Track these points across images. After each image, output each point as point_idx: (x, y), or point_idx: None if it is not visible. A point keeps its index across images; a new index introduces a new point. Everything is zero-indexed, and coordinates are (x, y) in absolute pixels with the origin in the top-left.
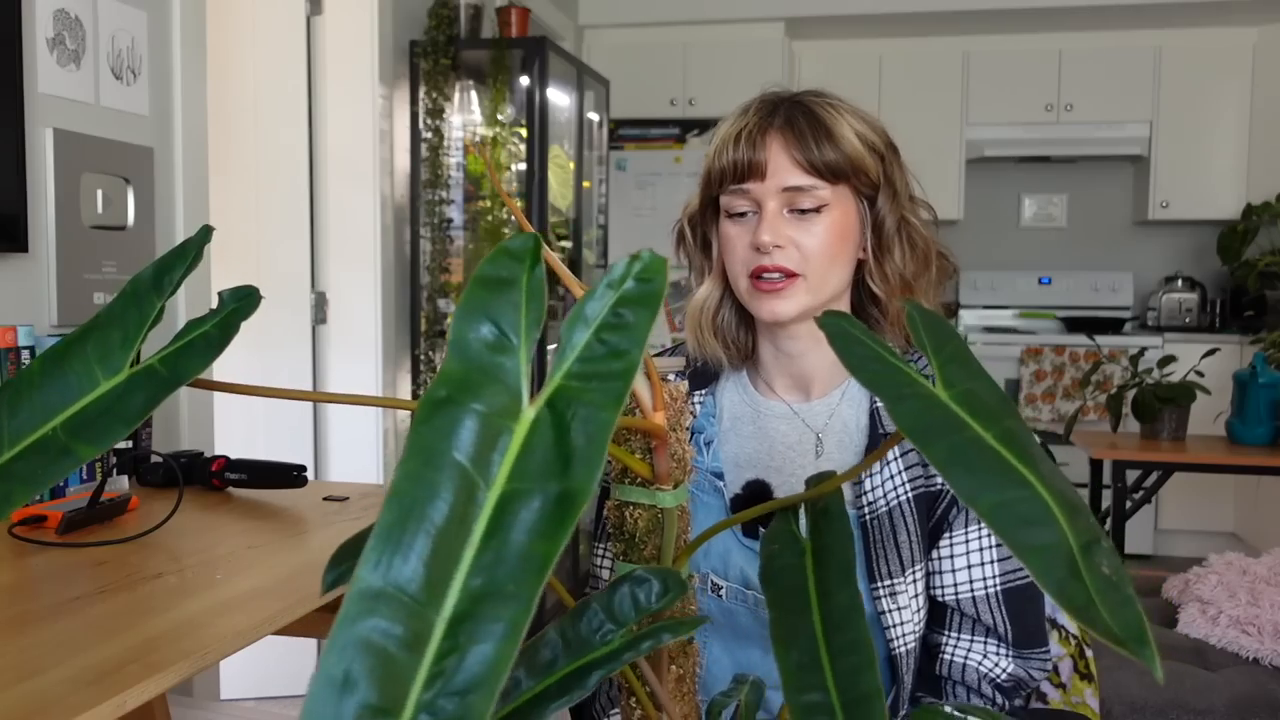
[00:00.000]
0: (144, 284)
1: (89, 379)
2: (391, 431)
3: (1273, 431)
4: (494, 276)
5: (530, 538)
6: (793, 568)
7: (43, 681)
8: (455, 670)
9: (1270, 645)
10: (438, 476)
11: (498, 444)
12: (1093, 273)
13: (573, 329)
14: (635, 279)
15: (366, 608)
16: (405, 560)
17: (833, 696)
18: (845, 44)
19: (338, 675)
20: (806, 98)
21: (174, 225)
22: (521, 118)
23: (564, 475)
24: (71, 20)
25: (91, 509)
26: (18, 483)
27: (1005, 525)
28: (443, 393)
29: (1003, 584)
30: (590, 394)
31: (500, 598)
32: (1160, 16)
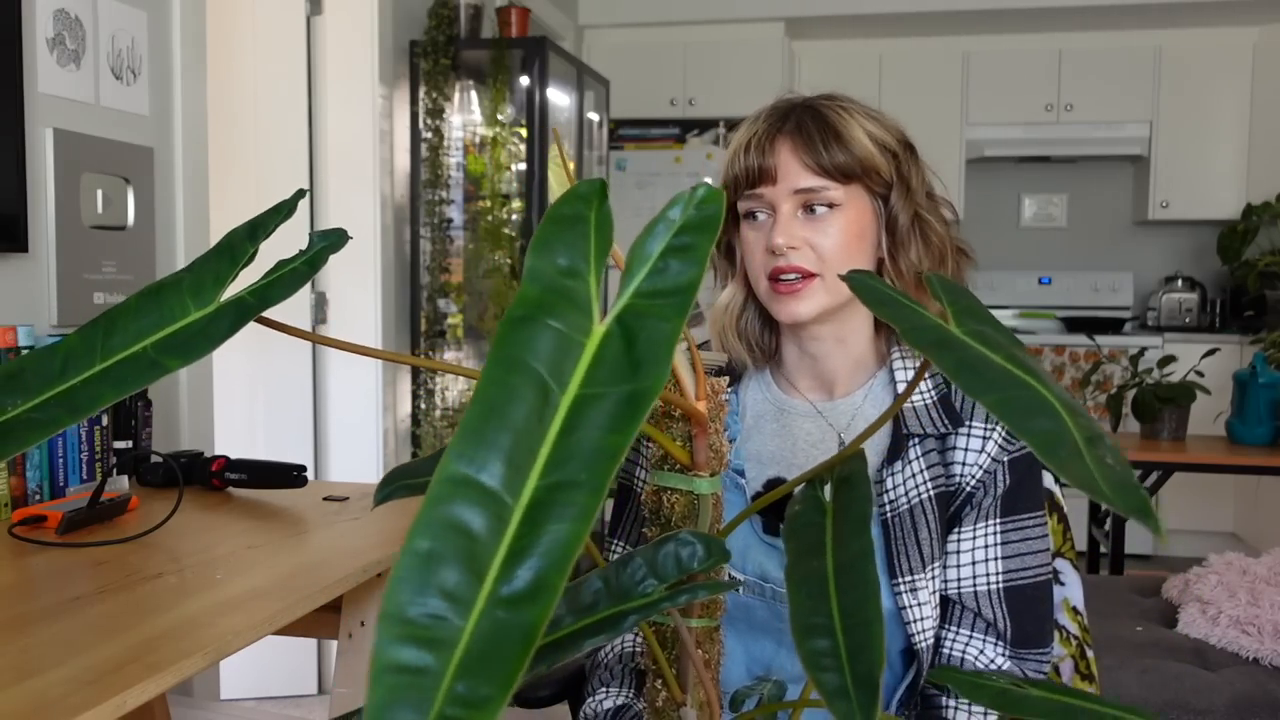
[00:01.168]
0: (238, 236)
1: (181, 310)
2: (391, 431)
3: (1273, 431)
4: (564, 214)
5: (601, 433)
6: (815, 525)
7: (43, 681)
8: (532, 547)
9: (1270, 645)
10: (517, 381)
11: (570, 354)
12: (1093, 273)
13: (639, 252)
14: (695, 207)
15: (451, 492)
16: (487, 452)
17: (835, 620)
18: (845, 44)
19: (423, 550)
20: (818, 102)
21: (174, 225)
22: (521, 118)
23: (632, 378)
24: (71, 20)
25: (91, 509)
26: (109, 385)
27: (1010, 413)
28: (520, 312)
29: (1005, 582)
30: (656, 309)
31: (573, 486)
32: (1160, 16)
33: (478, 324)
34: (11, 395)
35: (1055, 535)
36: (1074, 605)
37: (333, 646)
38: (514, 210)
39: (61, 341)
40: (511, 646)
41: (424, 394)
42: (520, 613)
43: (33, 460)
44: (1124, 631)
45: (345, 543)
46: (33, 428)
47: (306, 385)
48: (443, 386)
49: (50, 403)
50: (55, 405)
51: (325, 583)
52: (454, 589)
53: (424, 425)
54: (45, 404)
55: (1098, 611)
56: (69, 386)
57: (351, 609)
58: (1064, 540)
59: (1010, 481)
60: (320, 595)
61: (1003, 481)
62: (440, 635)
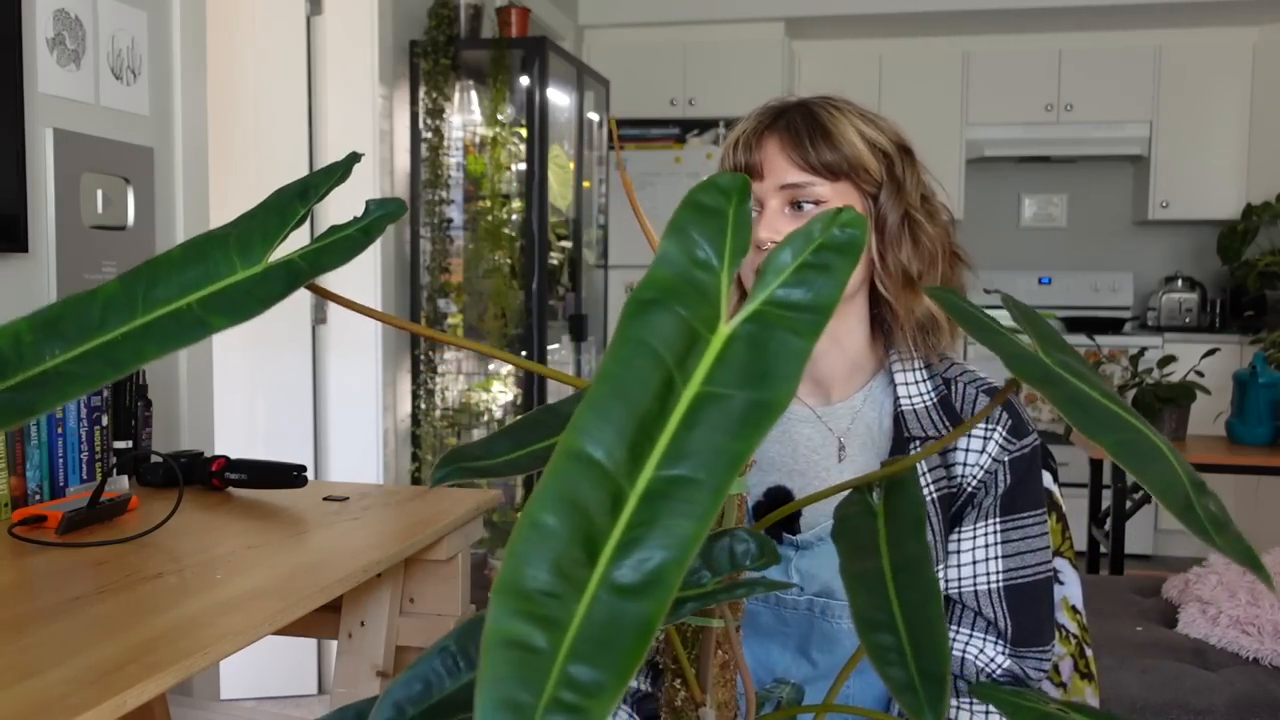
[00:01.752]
0: (288, 194)
1: (228, 267)
2: (391, 432)
3: (1273, 431)
4: (704, 204)
5: (723, 436)
6: (866, 527)
7: (43, 681)
8: (648, 538)
9: (1270, 645)
10: (643, 364)
11: (695, 348)
12: (1093, 273)
13: (772, 263)
14: (838, 228)
15: (571, 467)
16: (609, 432)
17: (897, 618)
18: (845, 44)
19: (542, 522)
20: (812, 101)
21: (174, 225)
22: (521, 118)
23: (758, 387)
24: (71, 20)
25: (91, 509)
26: (151, 341)
27: (1130, 459)
28: (650, 295)
29: (1005, 580)
30: (788, 321)
31: (692, 484)
32: (1160, 16)
33: (478, 324)
34: (51, 342)
35: (1055, 535)
36: (1073, 604)
37: (333, 646)
38: (514, 210)
39: (100, 287)
40: (626, 637)
41: (424, 394)
42: (635, 603)
43: (33, 460)
44: (1124, 631)
45: (345, 543)
46: (72, 381)
47: (306, 385)
48: (443, 387)
49: (90, 355)
50: (95, 358)
51: (325, 583)
52: (569, 568)
53: (424, 425)
54: (85, 356)
55: (1098, 611)
56: (110, 339)
57: (351, 609)
58: (1063, 540)
59: (1011, 481)
60: (320, 595)
61: (1004, 481)
62: (554, 614)
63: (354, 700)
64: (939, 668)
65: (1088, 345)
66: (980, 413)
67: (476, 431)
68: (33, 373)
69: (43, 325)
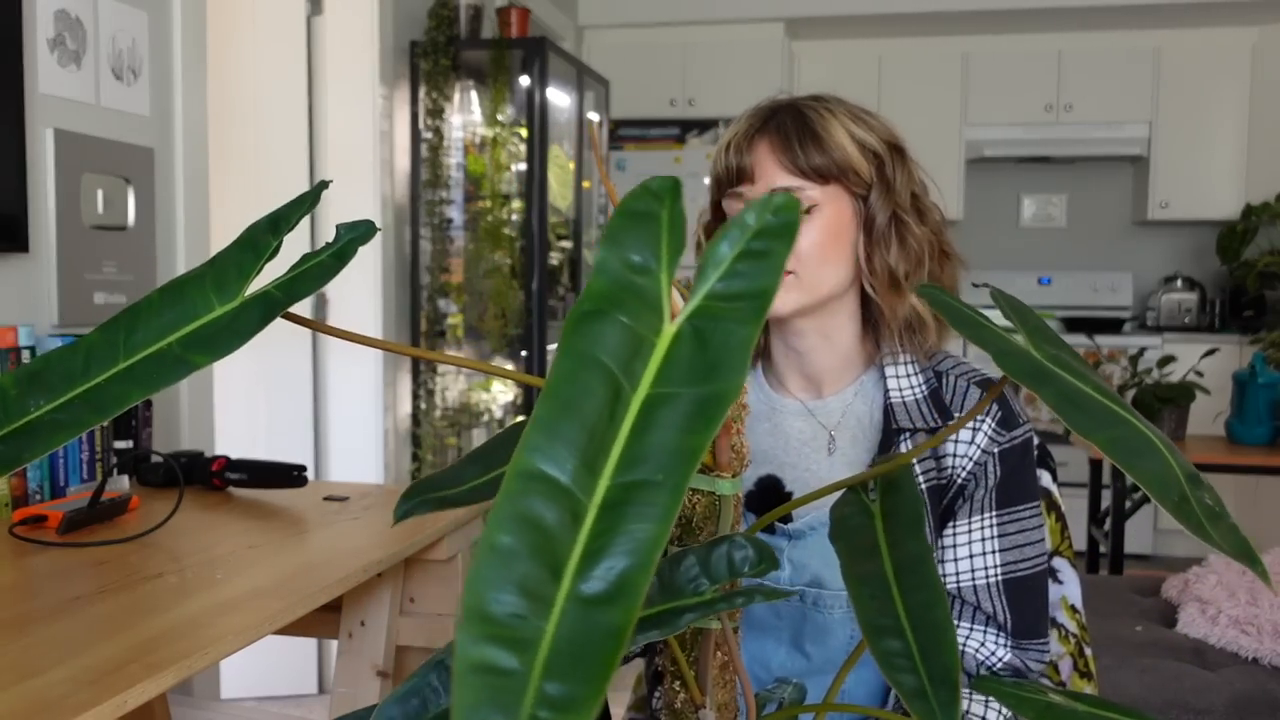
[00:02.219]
0: (259, 230)
1: (205, 305)
2: (391, 432)
3: (1272, 431)
4: (637, 210)
5: (676, 434)
6: (863, 526)
7: (43, 681)
8: (611, 546)
9: (1270, 645)
10: (588, 376)
11: (640, 352)
12: (1092, 273)
13: (711, 256)
14: (772, 213)
15: (525, 487)
16: (560, 448)
17: (903, 621)
18: (845, 44)
19: (501, 545)
20: (802, 102)
21: (174, 225)
22: (521, 118)
23: (707, 380)
24: (72, 21)
25: (92, 509)
26: (135, 385)
27: (1120, 454)
28: (589, 306)
29: (1004, 574)
30: (730, 312)
31: (650, 486)
32: (1160, 17)
33: (478, 324)
34: (35, 395)
35: (1054, 534)
36: (1072, 604)
37: (333, 646)
38: (514, 210)
39: (82, 339)
40: (599, 648)
41: (424, 394)
42: (604, 613)
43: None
44: (1124, 631)
45: (345, 543)
46: (58, 429)
47: (307, 385)
48: (442, 387)
49: (75, 403)
50: (80, 405)
51: (325, 583)
52: (534, 586)
53: (424, 425)
54: (69, 404)
55: (1098, 611)
56: (93, 385)
57: (351, 609)
58: (1062, 539)
59: (1001, 473)
60: (320, 595)
61: (994, 473)
62: (523, 635)
63: (352, 708)
64: (949, 672)
65: (1087, 345)
66: (974, 409)
67: (476, 432)
68: (17, 424)
69: (27, 379)
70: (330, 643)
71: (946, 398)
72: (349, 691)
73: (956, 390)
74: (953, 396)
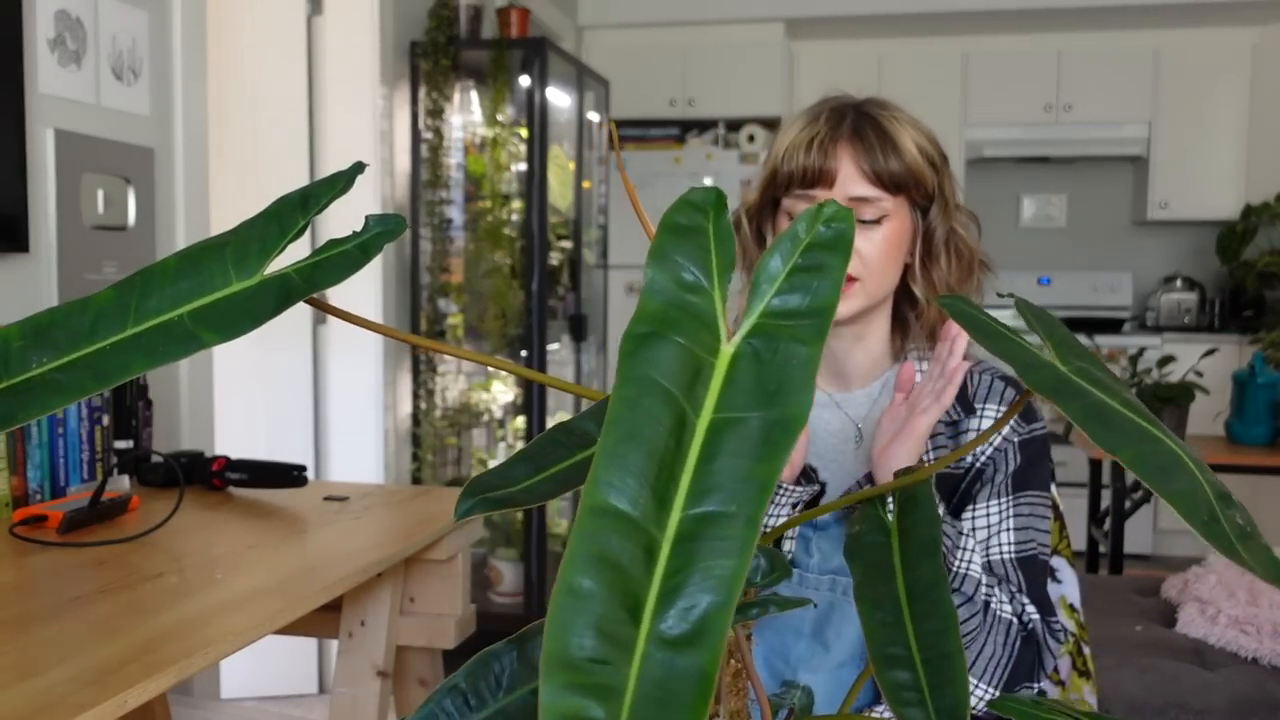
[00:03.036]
0: (289, 204)
1: (222, 278)
2: (392, 432)
3: (1272, 431)
4: (680, 224)
5: (746, 461)
6: (878, 545)
7: (44, 681)
8: (688, 584)
9: (1269, 645)
10: (651, 402)
11: (701, 375)
12: (1092, 273)
13: (763, 272)
14: (824, 224)
15: (598, 524)
16: (629, 480)
17: (914, 652)
18: (845, 44)
19: (577, 585)
20: (871, 108)
21: (175, 225)
22: (521, 118)
23: (772, 404)
24: (72, 21)
25: (92, 509)
26: (139, 354)
27: (1147, 472)
28: (645, 328)
29: (1017, 551)
30: (791, 330)
31: (724, 518)
32: (1159, 17)
33: (478, 324)
34: (39, 350)
35: (1053, 534)
36: (1071, 603)
37: (333, 646)
38: (514, 210)
39: (95, 295)
40: (684, 693)
41: (424, 394)
42: (687, 656)
43: (34, 460)
44: (1123, 631)
45: (345, 543)
46: (56, 390)
47: (307, 385)
48: (443, 387)
49: (77, 365)
50: (82, 369)
51: (325, 582)
52: (613, 629)
53: (424, 425)
54: (71, 365)
55: (1098, 611)
56: (97, 349)
57: (351, 608)
58: (1061, 538)
59: (1021, 460)
60: (320, 595)
61: (1013, 460)
62: (607, 681)
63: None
64: (958, 705)
65: (1087, 345)
66: (1007, 413)
67: (476, 432)
68: (17, 380)
69: (33, 332)
70: (330, 642)
71: (970, 391)
72: (349, 691)
73: (980, 383)
74: (976, 389)
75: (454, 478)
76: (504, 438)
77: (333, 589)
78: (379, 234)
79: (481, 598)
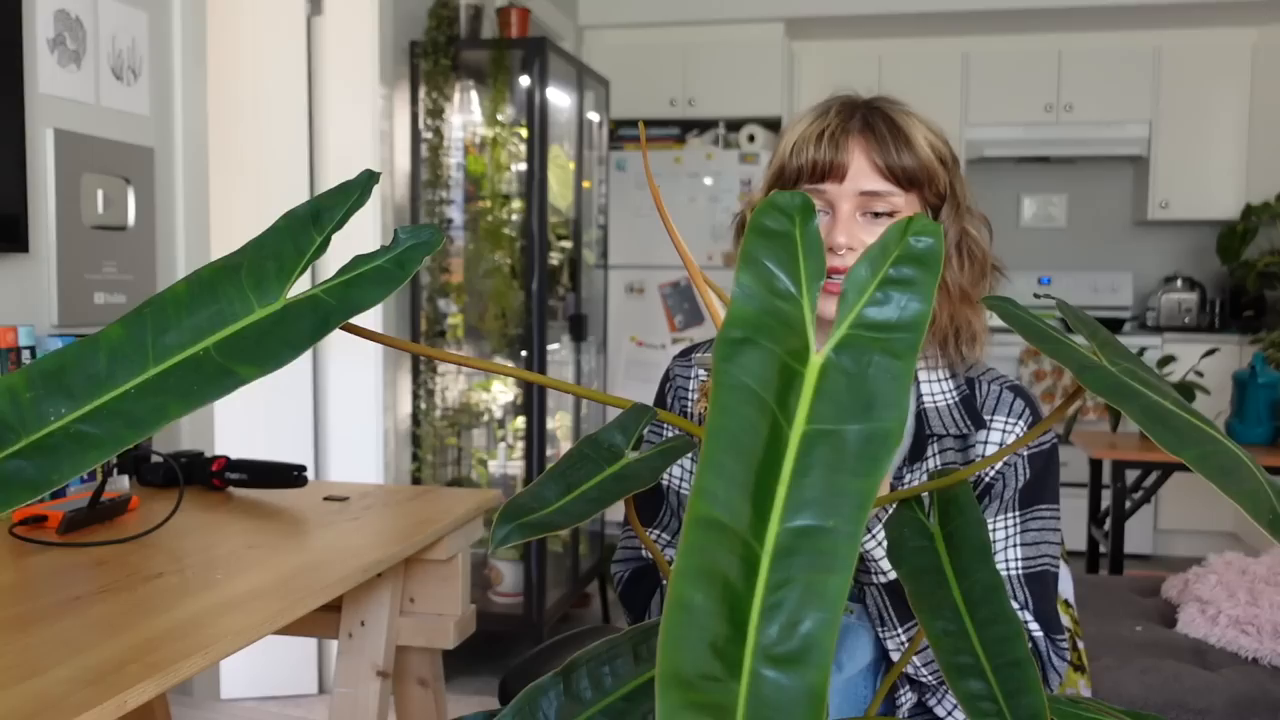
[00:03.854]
0: (299, 219)
1: (243, 304)
2: (392, 431)
3: (1272, 431)
4: (769, 228)
5: (842, 475)
6: (924, 549)
7: (44, 681)
8: (790, 601)
9: (1269, 645)
10: (747, 410)
11: (793, 385)
12: (1092, 273)
13: (852, 282)
14: (915, 236)
15: (706, 537)
16: (731, 489)
17: (982, 660)
18: (845, 44)
19: (688, 600)
20: (882, 103)
21: (175, 225)
22: (521, 118)
23: (865, 417)
24: (72, 21)
25: (92, 509)
26: (174, 397)
27: (1212, 472)
28: (738, 333)
29: (1024, 568)
30: (882, 343)
31: (821, 533)
32: (1159, 17)
33: (478, 324)
34: (54, 400)
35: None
36: (1065, 598)
37: (333, 646)
38: (514, 210)
39: (99, 335)
40: (796, 714)
41: (424, 394)
42: (794, 674)
43: None
44: (1123, 631)
45: (345, 543)
46: (89, 444)
47: (307, 385)
48: (442, 387)
49: (105, 413)
50: (113, 418)
51: (325, 582)
52: (722, 645)
53: (424, 425)
54: (98, 415)
55: (1097, 611)
56: (121, 394)
57: (352, 609)
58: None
59: (1030, 475)
60: (320, 595)
61: (1023, 475)
62: (719, 700)
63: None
64: (1037, 715)
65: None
66: (1026, 436)
67: (476, 432)
68: (38, 436)
69: (42, 379)
70: (330, 643)
71: (978, 403)
72: (349, 691)
73: (989, 394)
74: (984, 400)
75: (454, 478)
76: (504, 438)
77: (333, 589)
78: (413, 246)
79: (481, 598)
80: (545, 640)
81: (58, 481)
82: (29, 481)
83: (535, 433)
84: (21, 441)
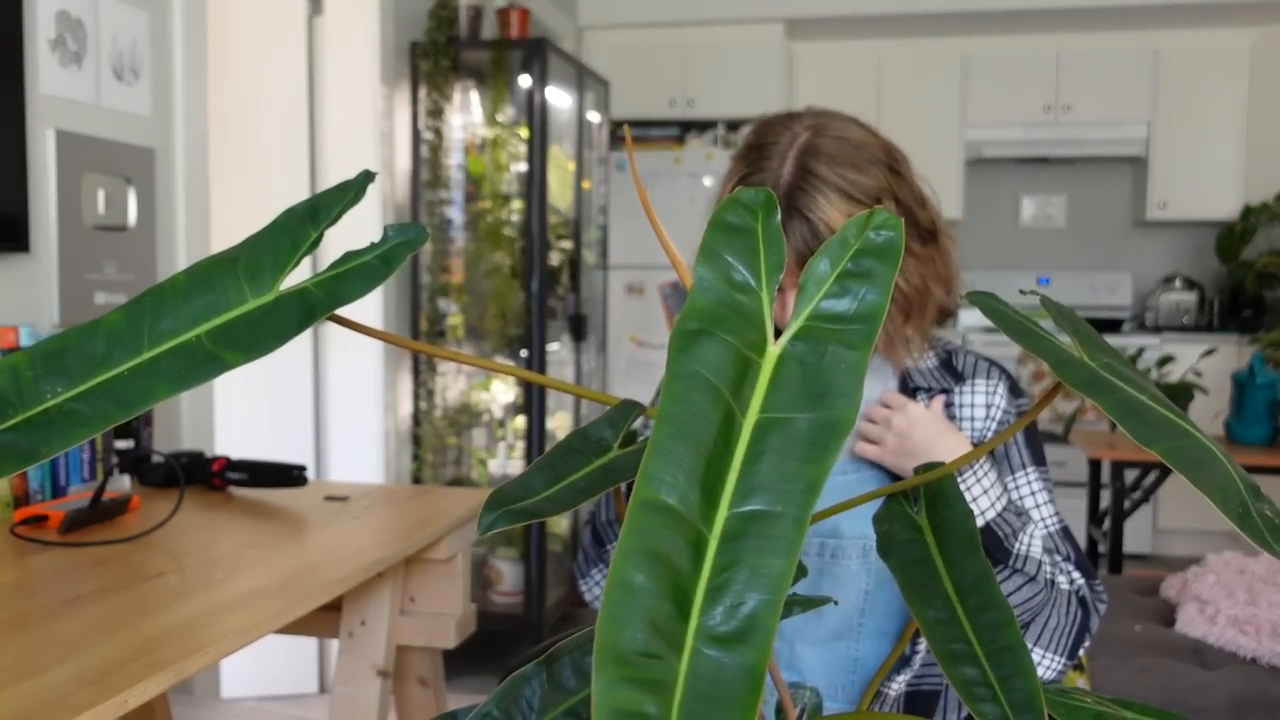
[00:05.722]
0: (297, 215)
1: (237, 295)
2: (392, 431)
3: (1271, 431)
4: (731, 223)
5: (792, 462)
6: (913, 541)
7: (44, 680)
8: (735, 582)
9: (1268, 644)
10: (699, 399)
11: (748, 375)
12: (1091, 273)
13: (811, 274)
14: (875, 230)
15: (649, 519)
16: (679, 475)
17: (975, 647)
18: (845, 45)
19: (628, 579)
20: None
21: (175, 225)
22: (521, 118)
23: (818, 406)
24: (73, 21)
25: (93, 508)
26: (163, 378)
27: (1183, 465)
28: (694, 324)
29: (1058, 523)
30: (838, 335)
31: (769, 518)
32: (1158, 18)
33: (478, 324)
34: (52, 379)
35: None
36: None
37: (333, 645)
38: (514, 210)
39: (102, 320)
40: (735, 690)
41: (425, 394)
42: (734, 653)
43: None
44: (1122, 630)
45: (345, 542)
46: (78, 421)
47: (307, 385)
48: (443, 387)
49: (97, 393)
50: (102, 397)
51: (325, 582)
52: (663, 623)
53: (424, 425)
54: (91, 394)
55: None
56: (115, 375)
57: (352, 608)
58: None
59: (1025, 433)
60: (321, 594)
61: (1018, 432)
62: (657, 676)
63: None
64: (1032, 699)
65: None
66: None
67: (477, 431)
68: (34, 412)
69: (43, 359)
70: (330, 642)
71: (957, 365)
72: (349, 691)
73: (967, 362)
74: (963, 365)
75: (454, 477)
76: (504, 437)
77: (333, 589)
78: (400, 244)
79: (481, 597)
80: (545, 639)
81: (47, 454)
82: (21, 453)
83: (535, 432)
84: (18, 417)
